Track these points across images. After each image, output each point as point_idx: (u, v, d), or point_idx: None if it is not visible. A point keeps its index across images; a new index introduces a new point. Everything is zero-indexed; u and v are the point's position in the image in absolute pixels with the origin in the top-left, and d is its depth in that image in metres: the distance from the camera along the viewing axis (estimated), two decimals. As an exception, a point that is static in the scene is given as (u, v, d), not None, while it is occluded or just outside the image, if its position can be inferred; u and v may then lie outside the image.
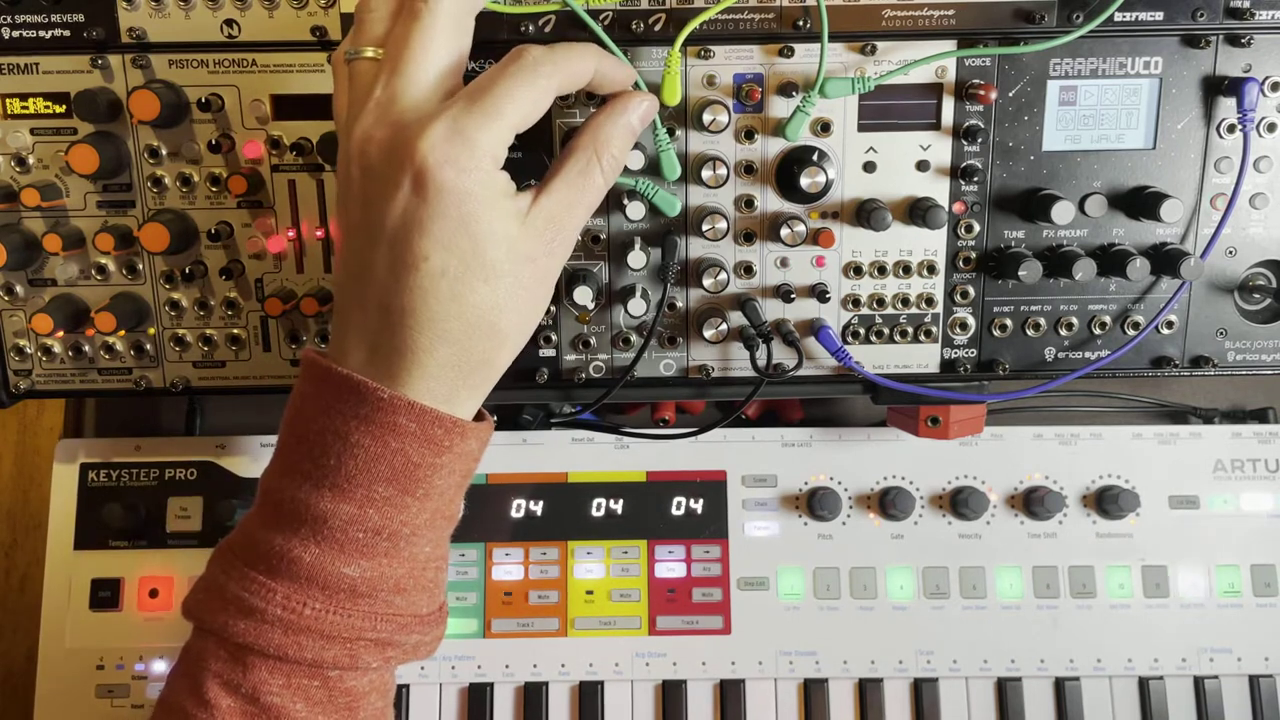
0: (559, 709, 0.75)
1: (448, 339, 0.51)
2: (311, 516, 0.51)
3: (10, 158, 0.64)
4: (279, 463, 0.53)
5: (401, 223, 0.49)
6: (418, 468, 0.51)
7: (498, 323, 0.52)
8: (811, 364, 0.68)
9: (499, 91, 0.50)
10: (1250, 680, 0.75)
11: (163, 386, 0.68)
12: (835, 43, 0.63)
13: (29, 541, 0.86)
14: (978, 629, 0.75)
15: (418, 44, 0.50)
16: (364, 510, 0.51)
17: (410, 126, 0.49)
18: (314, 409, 0.52)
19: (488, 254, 0.50)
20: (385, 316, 0.50)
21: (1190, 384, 0.85)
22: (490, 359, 0.53)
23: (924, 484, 0.77)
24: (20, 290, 0.67)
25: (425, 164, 0.48)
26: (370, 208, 0.50)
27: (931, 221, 0.64)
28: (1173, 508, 0.76)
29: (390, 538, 0.52)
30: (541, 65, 0.51)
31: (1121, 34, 0.63)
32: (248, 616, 0.51)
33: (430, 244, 0.49)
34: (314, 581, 0.51)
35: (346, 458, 0.51)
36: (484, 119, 0.49)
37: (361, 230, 0.51)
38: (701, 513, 0.76)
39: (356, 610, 0.52)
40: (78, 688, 0.74)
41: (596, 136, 0.54)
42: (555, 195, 0.53)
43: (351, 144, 0.51)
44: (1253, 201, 0.66)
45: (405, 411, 0.50)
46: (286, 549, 0.51)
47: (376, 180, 0.50)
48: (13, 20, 0.62)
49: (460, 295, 0.50)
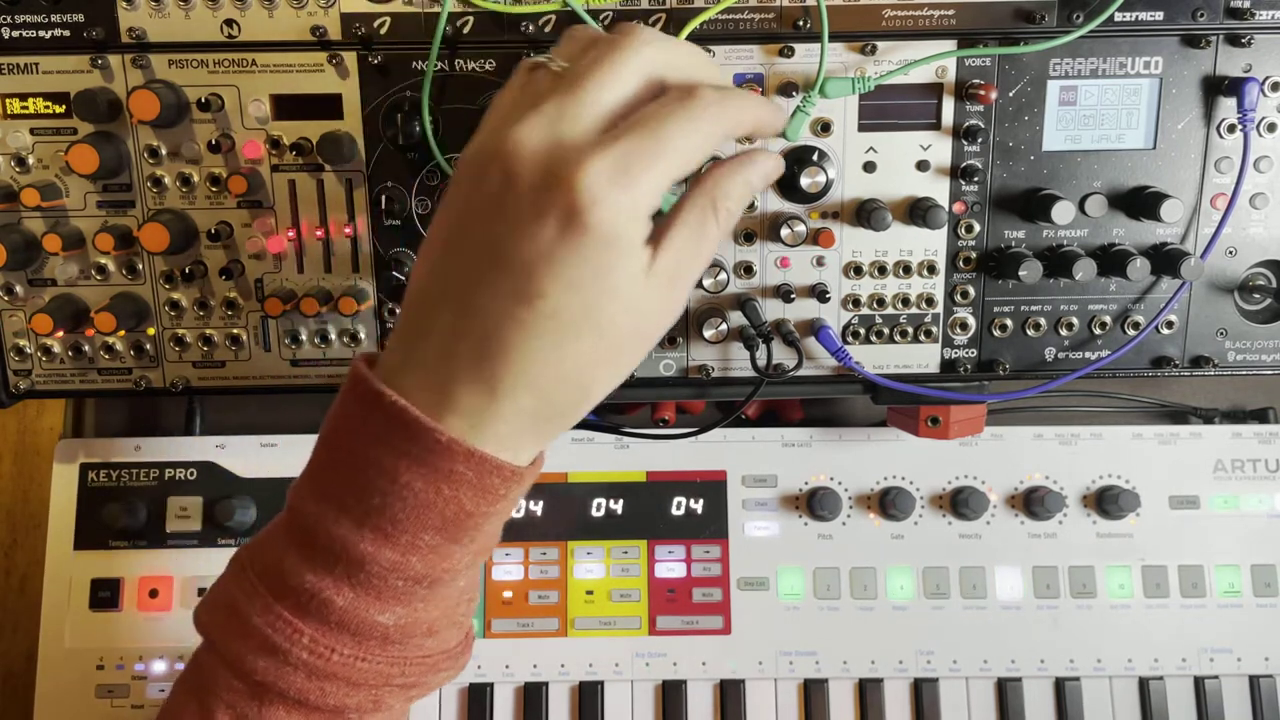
0: (559, 709, 0.75)
1: (534, 386, 0.46)
2: (349, 558, 0.47)
3: (10, 158, 0.64)
4: (314, 484, 0.49)
5: (532, 251, 0.44)
6: (470, 516, 0.47)
7: (590, 382, 0.47)
8: (811, 364, 0.68)
9: (669, 132, 0.45)
10: (1250, 680, 0.75)
11: (163, 386, 0.68)
12: (835, 43, 0.63)
13: (29, 541, 0.86)
14: (978, 629, 0.75)
15: (604, 71, 0.46)
16: (407, 558, 0.47)
17: (571, 153, 0.44)
18: (359, 436, 0.47)
19: (606, 307, 0.45)
20: (480, 344, 0.45)
21: (1190, 384, 0.85)
22: (567, 415, 0.48)
23: (924, 484, 0.77)
24: (20, 290, 0.67)
25: (581, 199, 0.43)
26: (499, 223, 0.45)
27: (931, 221, 0.64)
28: (1173, 508, 0.76)
29: (430, 585, 0.49)
30: (713, 108, 0.46)
31: (1121, 34, 0.63)
32: (270, 655, 0.48)
33: (553, 282, 0.44)
34: (345, 627, 0.48)
35: (393, 499, 0.46)
36: (650, 161, 0.45)
37: (480, 241, 0.46)
38: (701, 513, 0.76)
39: (386, 657, 0.49)
40: (78, 688, 0.74)
41: (716, 189, 0.49)
42: (675, 247, 0.47)
43: (502, 145, 0.45)
44: (1253, 201, 0.66)
45: (464, 460, 0.46)
46: (319, 589, 0.47)
47: (517, 197, 0.44)
48: (13, 20, 0.62)
49: (564, 343, 0.45)
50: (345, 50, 0.63)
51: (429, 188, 0.66)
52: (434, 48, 0.61)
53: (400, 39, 0.63)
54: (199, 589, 0.74)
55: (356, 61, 0.63)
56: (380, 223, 0.66)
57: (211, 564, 0.74)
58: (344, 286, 0.67)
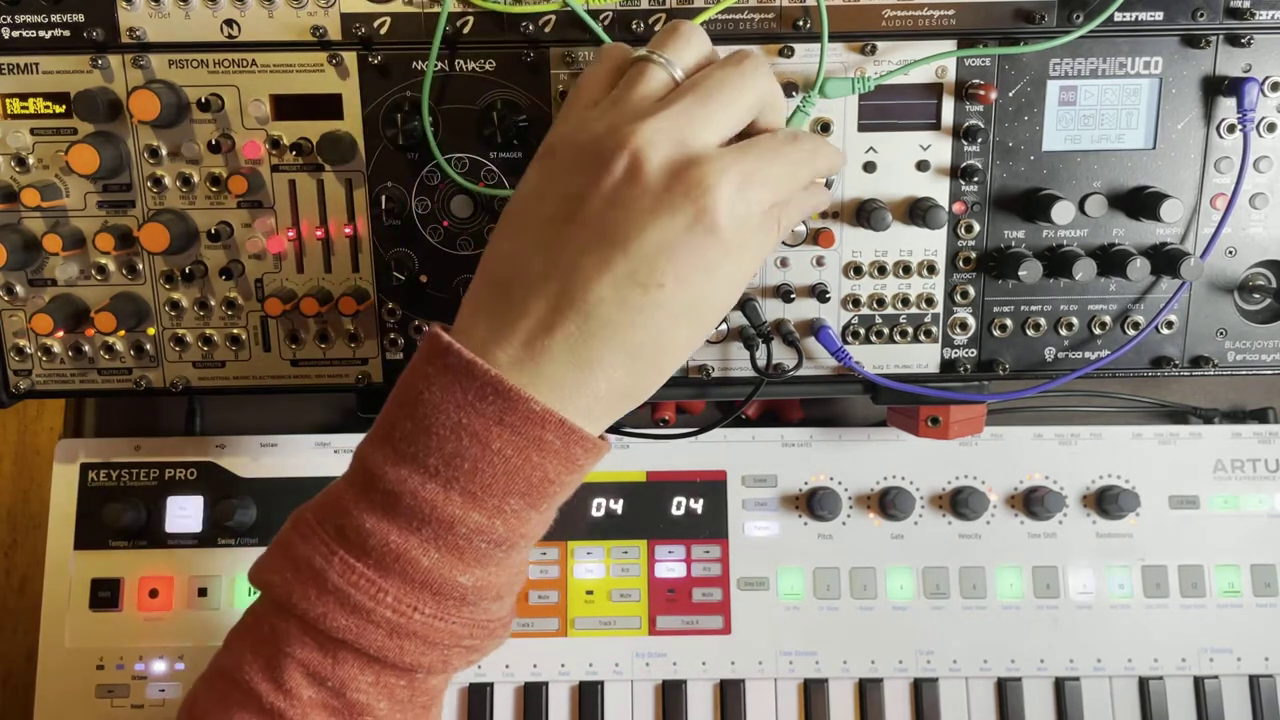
0: (559, 709, 0.75)
1: (631, 366, 0.50)
2: (437, 518, 0.49)
3: (10, 158, 0.64)
4: (392, 447, 0.50)
5: (658, 243, 0.48)
6: (551, 484, 0.50)
7: (673, 362, 0.52)
8: (811, 364, 0.68)
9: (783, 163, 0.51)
10: (1250, 680, 0.75)
11: (163, 386, 0.68)
12: (835, 43, 0.63)
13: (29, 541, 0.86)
14: (978, 629, 0.75)
15: (733, 91, 0.51)
16: (492, 521, 0.50)
17: (705, 159, 0.49)
18: (446, 400, 0.49)
19: (708, 299, 0.51)
20: (584, 322, 0.48)
21: (1190, 384, 0.85)
22: (646, 392, 0.52)
23: (924, 484, 0.77)
24: (20, 290, 0.67)
25: (714, 205, 0.48)
26: (624, 211, 0.48)
27: (931, 221, 0.64)
28: (1173, 508, 0.76)
29: (508, 549, 0.51)
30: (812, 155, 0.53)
31: (1121, 34, 0.63)
32: (352, 613, 0.49)
33: (673, 274, 0.48)
34: (428, 587, 0.50)
35: (484, 464, 0.49)
36: (768, 182, 0.50)
37: (596, 226, 0.49)
38: (701, 513, 0.76)
39: (461, 618, 0.51)
40: (78, 688, 0.74)
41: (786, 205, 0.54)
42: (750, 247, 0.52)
43: (632, 137, 0.49)
44: (1253, 201, 0.66)
45: (555, 428, 0.49)
46: (404, 548, 0.49)
47: (646, 190, 0.48)
48: (13, 20, 0.62)
49: (666, 330, 0.50)
50: (345, 50, 0.63)
51: (429, 188, 0.66)
52: (434, 48, 0.61)
53: (400, 39, 0.63)
54: (199, 589, 0.74)
55: (356, 61, 0.63)
56: (380, 223, 0.66)
57: (212, 564, 0.74)
58: (344, 286, 0.67)
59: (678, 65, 0.52)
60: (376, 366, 0.68)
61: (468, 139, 0.64)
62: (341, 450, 0.76)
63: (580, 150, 0.50)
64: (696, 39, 0.54)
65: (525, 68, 0.63)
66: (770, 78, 0.53)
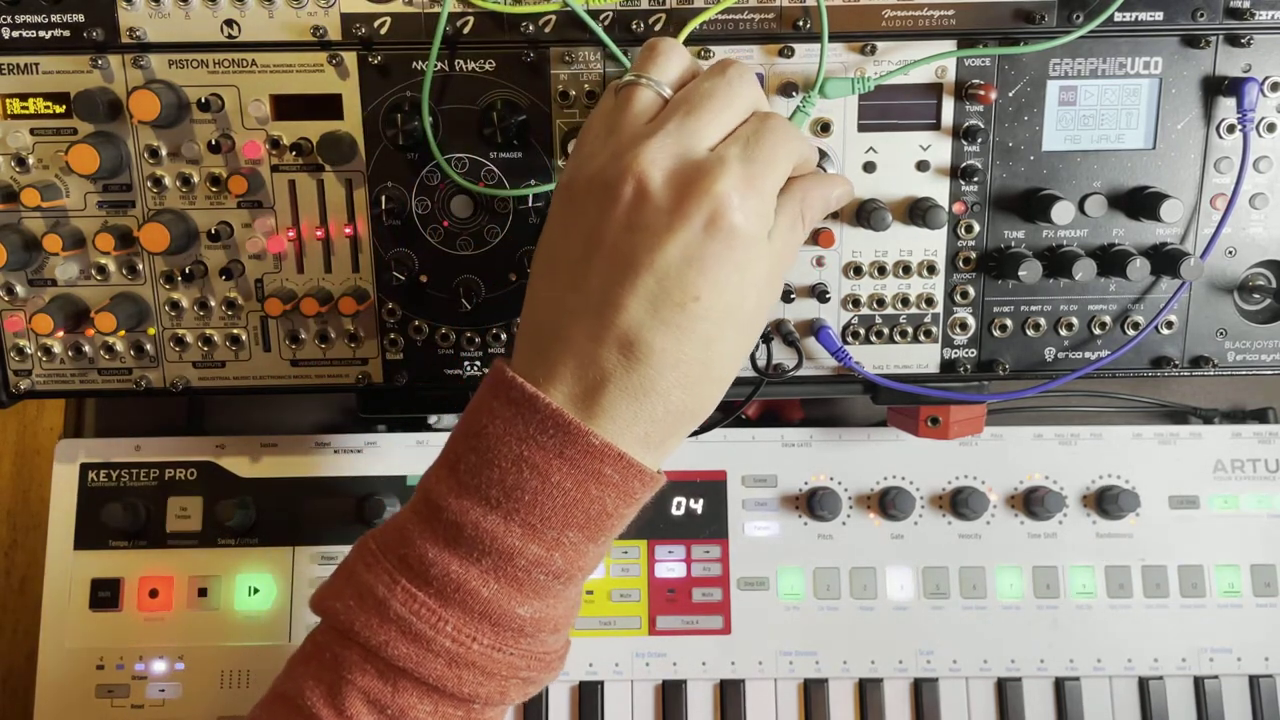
0: (559, 709, 0.75)
1: (684, 383, 0.50)
2: (496, 550, 0.49)
3: (10, 158, 0.64)
4: (456, 478, 0.51)
5: (682, 257, 0.48)
6: (610, 517, 0.51)
7: (728, 372, 0.52)
8: (811, 364, 0.68)
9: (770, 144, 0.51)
10: (1250, 680, 0.75)
11: (163, 386, 0.68)
12: (835, 43, 0.63)
13: (29, 541, 0.86)
14: (978, 629, 0.75)
15: (722, 101, 0.51)
16: (551, 553, 0.50)
17: (705, 163, 0.49)
18: (509, 434, 0.50)
19: (746, 303, 0.51)
20: (627, 350, 0.49)
21: (1190, 384, 0.86)
22: (708, 407, 0.53)
23: (924, 484, 0.77)
24: (20, 290, 0.67)
25: (724, 204, 0.48)
26: (641, 234, 0.49)
27: (931, 221, 0.64)
28: (1173, 508, 0.76)
29: (565, 581, 0.51)
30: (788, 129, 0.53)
31: (1121, 34, 0.63)
32: (412, 642, 0.50)
33: (706, 283, 0.49)
34: (487, 617, 0.50)
35: (543, 497, 0.49)
36: (768, 170, 0.51)
37: (618, 255, 0.49)
38: (701, 513, 0.76)
39: (519, 649, 0.51)
40: (78, 688, 0.74)
41: (805, 198, 0.55)
42: (779, 242, 0.53)
43: (634, 162, 0.49)
44: (1253, 201, 0.66)
45: (614, 462, 0.49)
46: (464, 579, 0.50)
47: (657, 208, 0.49)
48: (13, 20, 0.62)
49: (713, 341, 0.50)
50: (345, 50, 0.63)
51: (429, 188, 0.66)
52: (434, 48, 0.61)
53: (400, 39, 0.63)
54: (199, 589, 0.74)
55: (356, 61, 0.63)
56: (380, 223, 0.66)
57: (212, 564, 0.74)
58: (344, 286, 0.67)
59: (664, 83, 0.53)
60: (376, 366, 0.68)
61: (468, 139, 0.64)
62: (342, 450, 0.76)
63: (589, 184, 0.51)
64: (676, 54, 0.54)
65: (525, 68, 0.63)
66: (755, 84, 0.53)
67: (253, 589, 0.74)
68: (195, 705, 0.73)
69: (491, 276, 0.67)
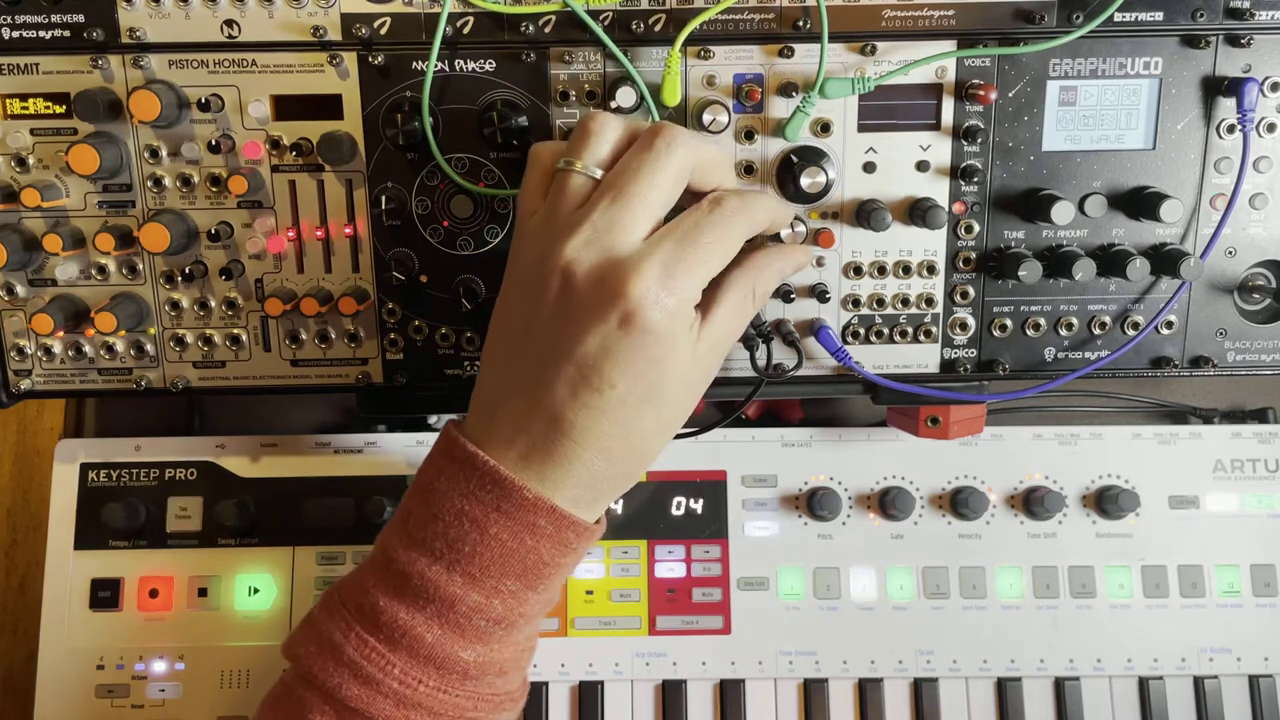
0: (559, 709, 0.75)
1: (606, 456, 0.54)
2: (439, 598, 0.53)
3: (10, 158, 0.64)
4: (407, 532, 0.55)
5: (598, 349, 0.51)
6: (546, 566, 0.54)
7: (650, 445, 0.55)
8: (811, 364, 0.68)
9: (706, 240, 0.53)
10: (1250, 680, 0.75)
11: (163, 386, 0.68)
12: (835, 43, 0.63)
13: (29, 541, 0.86)
14: (978, 629, 0.75)
15: (646, 181, 0.53)
16: (490, 600, 0.54)
17: (624, 262, 0.51)
18: (453, 490, 0.54)
19: (665, 387, 0.53)
20: (552, 425, 0.53)
21: (1190, 384, 0.86)
22: (634, 475, 0.57)
23: (924, 484, 0.77)
24: (20, 290, 0.67)
25: (638, 305, 0.51)
26: (565, 324, 0.52)
27: (931, 221, 0.64)
28: (1173, 508, 0.76)
29: (506, 627, 0.55)
30: (738, 214, 0.54)
31: (1121, 34, 0.64)
32: (363, 684, 0.53)
33: (620, 374, 0.52)
34: (432, 661, 0.54)
35: (482, 548, 0.53)
36: (692, 265, 0.52)
37: (547, 340, 0.53)
38: (701, 513, 0.76)
39: (464, 691, 0.54)
40: (78, 688, 0.74)
41: (758, 275, 0.57)
42: (719, 325, 0.56)
43: (560, 257, 0.52)
44: (1252, 201, 0.66)
45: (546, 514, 0.53)
46: (410, 625, 0.53)
47: (579, 303, 0.52)
48: (13, 20, 0.62)
49: (630, 421, 0.53)
50: (345, 50, 0.63)
51: (429, 188, 0.66)
52: (434, 48, 0.61)
53: (400, 39, 0.63)
54: (199, 589, 0.74)
55: (356, 62, 0.63)
56: (380, 223, 0.66)
57: (212, 564, 0.74)
58: (344, 286, 0.67)
59: (593, 165, 0.54)
60: (376, 366, 0.68)
61: (468, 139, 0.64)
62: (341, 450, 0.76)
63: (525, 274, 0.54)
64: (608, 130, 0.55)
65: (525, 68, 0.63)
66: (689, 145, 0.54)
67: (253, 589, 0.74)
68: (195, 705, 0.73)
69: (491, 276, 0.67)
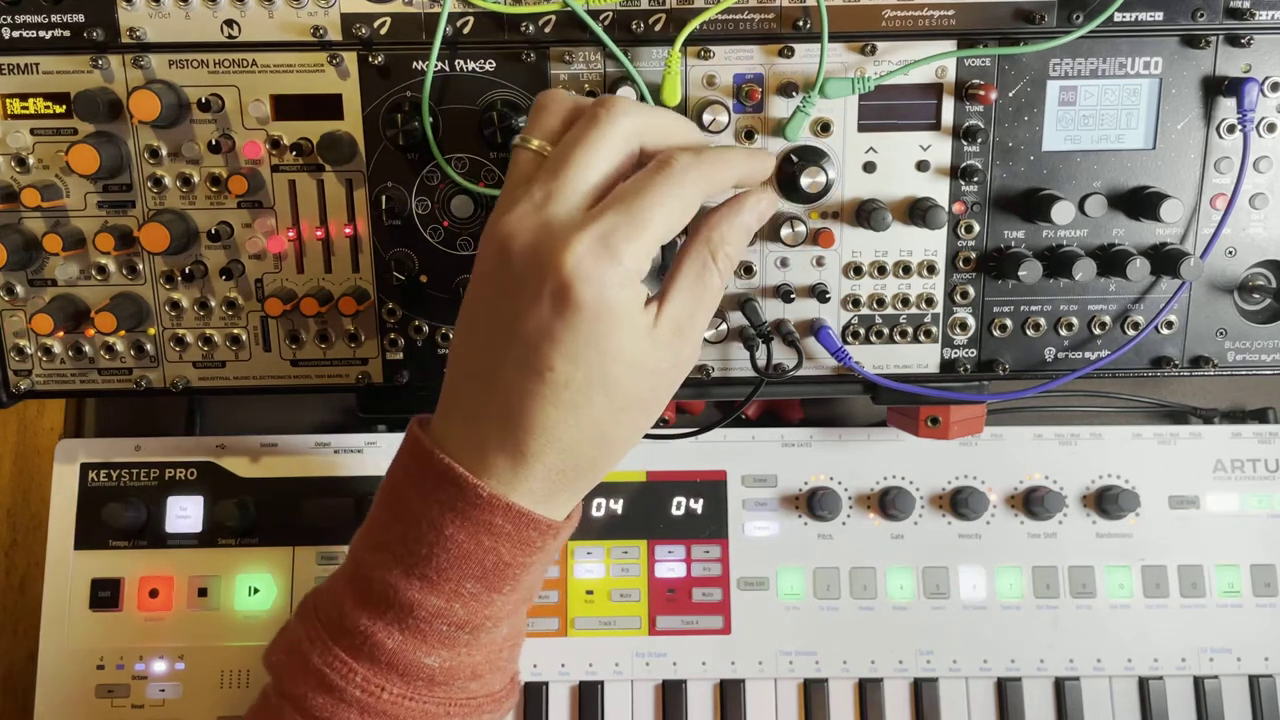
0: (559, 709, 0.75)
1: (558, 446, 0.50)
2: (399, 603, 0.51)
3: (10, 158, 0.64)
4: (372, 535, 0.54)
5: (534, 329, 0.48)
6: (508, 567, 0.52)
7: (610, 433, 0.52)
8: (811, 364, 0.68)
9: (647, 203, 0.49)
10: (1250, 680, 0.75)
11: (163, 386, 0.68)
12: (835, 43, 0.63)
13: (29, 541, 0.86)
14: (978, 629, 0.75)
15: (585, 151, 0.49)
16: (450, 604, 0.51)
17: (557, 235, 0.48)
18: (411, 490, 0.52)
19: (611, 370, 0.49)
20: (502, 414, 0.50)
21: (1190, 384, 0.85)
22: (596, 466, 0.53)
23: (924, 484, 0.77)
24: (20, 290, 0.67)
25: (569, 279, 0.47)
26: (504, 304, 0.50)
27: (931, 221, 0.64)
28: (1173, 508, 0.76)
29: (473, 631, 0.53)
30: (689, 173, 0.50)
31: (1121, 34, 0.64)
32: (327, 692, 0.52)
33: (559, 355, 0.48)
34: (394, 668, 0.52)
35: (439, 550, 0.51)
36: (631, 232, 0.48)
37: (494, 322, 0.50)
38: (701, 513, 0.76)
39: (433, 698, 0.53)
40: (78, 688, 0.74)
41: (710, 236, 0.52)
42: (676, 303, 0.51)
43: (497, 231, 0.50)
44: (1253, 201, 0.66)
45: (503, 512, 0.50)
46: (371, 631, 0.52)
47: (514, 280, 0.49)
48: (13, 20, 0.62)
49: (579, 406, 0.50)
50: (345, 50, 0.63)
51: (429, 188, 0.66)
52: (434, 48, 0.61)
53: (400, 39, 0.63)
54: (199, 589, 0.74)
55: (356, 61, 0.63)
56: (380, 223, 0.66)
57: (212, 564, 0.74)
58: (344, 286, 0.67)
59: (538, 138, 0.52)
60: (376, 366, 0.68)
61: (468, 139, 0.64)
62: (342, 450, 0.76)
63: (480, 251, 0.52)
64: (557, 104, 0.52)
65: (525, 68, 0.63)
66: (633, 112, 0.51)
67: (253, 589, 0.74)
68: (195, 705, 0.73)
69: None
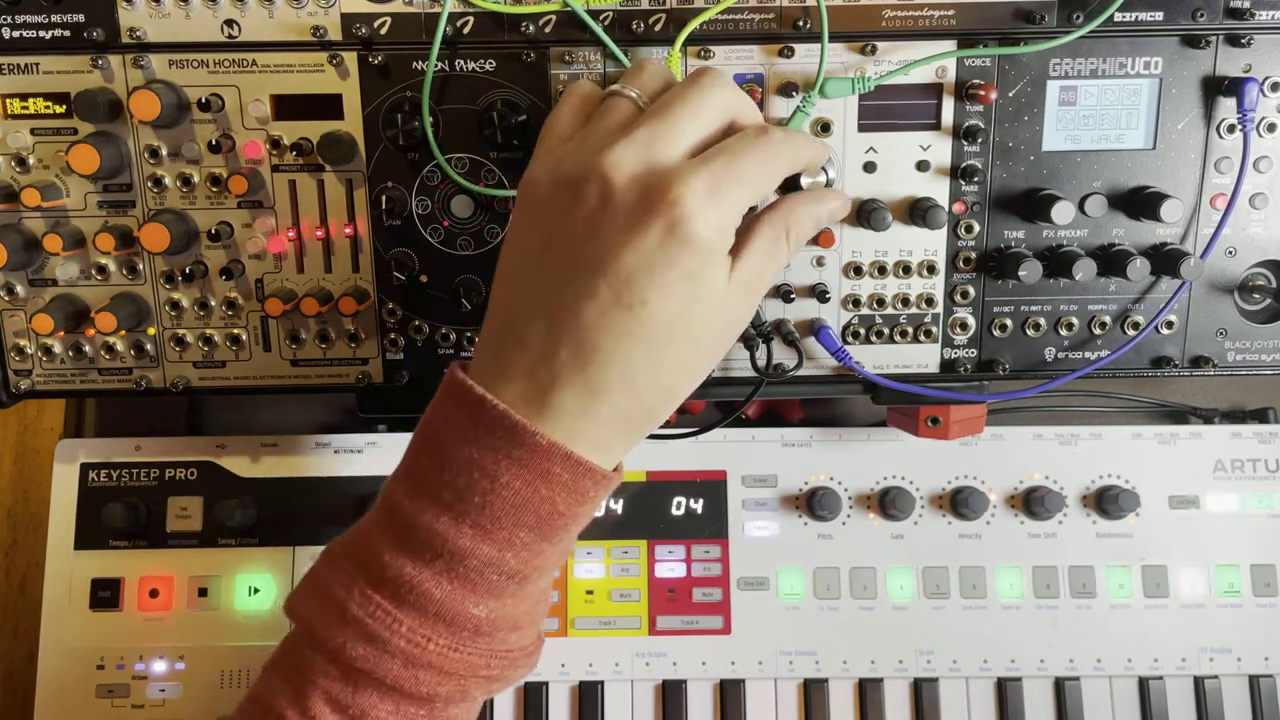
0: (559, 709, 0.75)
1: (630, 388, 0.50)
2: (449, 551, 0.50)
3: (10, 158, 0.64)
4: (411, 481, 0.52)
5: (635, 260, 0.48)
6: (561, 516, 0.51)
7: (677, 384, 0.52)
8: (811, 364, 0.68)
9: (751, 162, 0.51)
10: (1250, 680, 0.75)
11: (163, 386, 0.68)
12: (835, 43, 0.63)
13: (29, 541, 0.86)
14: (978, 629, 0.75)
15: (692, 107, 0.51)
16: (503, 554, 0.50)
17: (669, 171, 0.49)
18: (459, 437, 0.51)
19: (696, 313, 0.50)
20: (576, 350, 0.49)
21: (1190, 384, 0.86)
22: (653, 416, 0.53)
23: (924, 484, 0.77)
24: (20, 290, 0.67)
25: (685, 214, 0.48)
26: (599, 236, 0.49)
27: (931, 221, 0.64)
28: (1173, 508, 0.76)
29: (520, 581, 0.52)
30: (784, 146, 0.52)
31: (1121, 34, 0.64)
32: (369, 643, 0.50)
33: (654, 290, 0.49)
34: (441, 618, 0.51)
35: (493, 497, 0.50)
36: (736, 183, 0.50)
37: (575, 255, 0.50)
38: (701, 513, 0.76)
39: (476, 649, 0.52)
40: (78, 688, 0.74)
41: (789, 216, 0.55)
42: (752, 260, 0.53)
43: (599, 165, 0.49)
44: (1253, 201, 0.66)
45: (562, 461, 0.50)
46: (417, 580, 0.50)
47: (619, 211, 0.49)
48: (13, 20, 0.62)
49: (658, 349, 0.50)
50: (345, 50, 0.63)
51: (429, 188, 0.66)
52: (434, 48, 0.61)
53: (400, 39, 0.63)
54: (199, 589, 0.74)
55: (357, 61, 0.63)
56: (380, 223, 0.66)
57: (212, 564, 0.74)
58: (344, 286, 0.67)
59: (642, 93, 0.54)
60: (376, 366, 0.68)
61: (468, 139, 0.64)
62: (342, 450, 0.76)
63: (554, 187, 0.51)
64: (660, 71, 0.55)
65: (525, 68, 0.63)
66: (731, 89, 0.53)
67: (253, 589, 0.74)
68: (195, 705, 0.73)
69: (491, 276, 0.66)
